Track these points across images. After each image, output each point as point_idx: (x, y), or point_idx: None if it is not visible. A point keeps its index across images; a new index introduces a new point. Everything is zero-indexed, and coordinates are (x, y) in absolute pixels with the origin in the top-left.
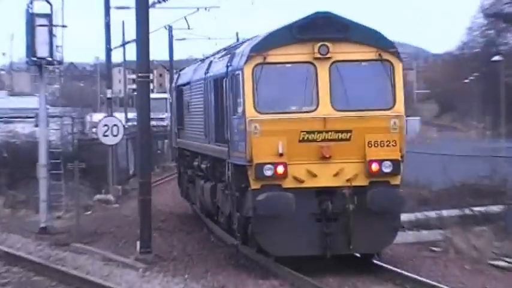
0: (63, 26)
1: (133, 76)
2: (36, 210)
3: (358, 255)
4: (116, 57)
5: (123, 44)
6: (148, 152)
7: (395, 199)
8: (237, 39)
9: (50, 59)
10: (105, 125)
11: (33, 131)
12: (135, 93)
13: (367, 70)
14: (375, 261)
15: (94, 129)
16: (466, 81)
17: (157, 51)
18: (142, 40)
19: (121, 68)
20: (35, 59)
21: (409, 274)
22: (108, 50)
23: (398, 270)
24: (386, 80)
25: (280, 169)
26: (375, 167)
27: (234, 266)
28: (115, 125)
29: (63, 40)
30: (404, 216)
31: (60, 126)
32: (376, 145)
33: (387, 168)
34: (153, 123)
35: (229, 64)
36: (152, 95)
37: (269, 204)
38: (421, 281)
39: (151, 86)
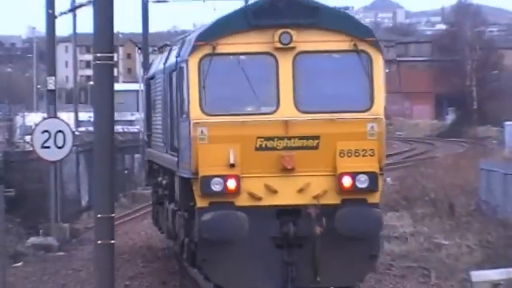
0: None
1: (88, 57)
2: None
3: None
4: (62, 28)
5: (73, 9)
6: (110, 172)
7: (371, 221)
8: (246, 2)
9: None
10: (45, 131)
11: None
12: (91, 82)
13: (340, 63)
14: None
15: (28, 137)
16: None
17: (125, 20)
18: (103, 1)
19: (69, 45)
20: None
21: None
22: (50, 18)
23: None
24: (363, 75)
25: (231, 183)
26: (347, 181)
27: None
28: (60, 130)
29: None
30: (495, 273)
31: None
32: (349, 155)
33: (362, 183)
34: (118, 128)
35: (177, 54)
36: (117, 86)
37: (216, 226)
38: None
39: (115, 72)
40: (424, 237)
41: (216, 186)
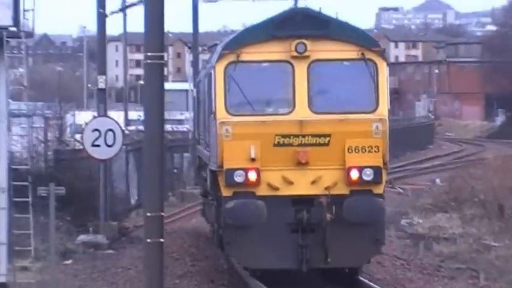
0: None
1: (138, 56)
2: None
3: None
4: (112, 27)
5: (124, 8)
6: (159, 171)
7: (375, 209)
8: (295, 2)
9: (14, 29)
10: (95, 130)
11: None
12: (141, 82)
13: (349, 70)
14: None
15: (78, 136)
16: None
17: (175, 20)
18: (154, 1)
19: (119, 44)
20: None
21: None
22: (101, 17)
23: None
24: (369, 80)
25: (252, 175)
26: (354, 174)
27: None
28: (110, 129)
29: (35, 1)
30: None
31: (28, 130)
32: (356, 151)
33: (368, 176)
34: (167, 127)
35: (208, 61)
36: (166, 85)
37: (237, 212)
38: None
39: (165, 72)
40: (473, 239)
41: (239, 178)
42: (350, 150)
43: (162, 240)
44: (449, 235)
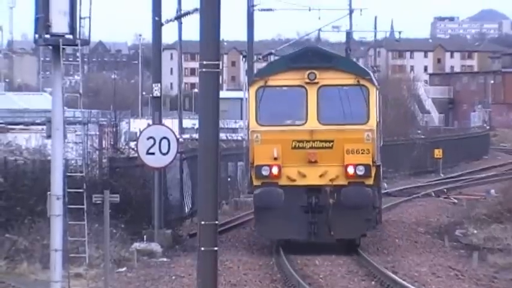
0: None
1: (193, 64)
2: (45, 264)
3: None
4: (168, 35)
5: (179, 16)
6: (214, 179)
7: (363, 196)
8: (350, 11)
9: (70, 36)
10: (150, 138)
11: (42, 145)
12: (196, 90)
13: (347, 93)
14: None
15: (133, 144)
16: None
17: (231, 28)
18: (209, 10)
19: (174, 52)
20: (47, 36)
21: None
22: (157, 25)
23: None
24: (362, 101)
25: (274, 170)
26: (351, 170)
27: None
28: (165, 137)
29: (91, 9)
30: None
31: (83, 138)
32: (352, 152)
33: (361, 171)
34: (222, 135)
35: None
36: (221, 94)
37: (261, 197)
38: None
39: (219, 80)
40: None
41: (265, 172)
42: (348, 152)
43: (216, 248)
44: (503, 246)
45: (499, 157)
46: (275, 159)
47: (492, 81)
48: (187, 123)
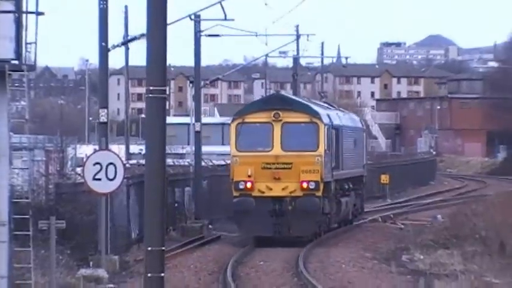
0: (39, 14)
1: (140, 90)
2: None
3: None
4: (115, 61)
5: (126, 42)
6: (161, 205)
7: (311, 204)
8: (297, 36)
9: (16, 62)
10: (97, 163)
11: None
12: (143, 115)
13: (303, 128)
14: None
15: (79, 169)
16: None
17: (177, 54)
18: (156, 35)
19: (121, 78)
20: None
21: None
22: (103, 50)
23: None
24: (314, 134)
25: (249, 184)
26: (304, 185)
27: None
28: (111, 163)
29: (37, 34)
30: None
31: (29, 163)
32: (306, 172)
33: (312, 186)
34: (168, 161)
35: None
36: (168, 119)
37: (239, 204)
38: None
39: (166, 106)
40: (475, 276)
41: (241, 186)
42: (303, 172)
43: (162, 274)
44: (450, 272)
45: (445, 182)
46: (249, 176)
47: (438, 107)
48: (134, 148)
